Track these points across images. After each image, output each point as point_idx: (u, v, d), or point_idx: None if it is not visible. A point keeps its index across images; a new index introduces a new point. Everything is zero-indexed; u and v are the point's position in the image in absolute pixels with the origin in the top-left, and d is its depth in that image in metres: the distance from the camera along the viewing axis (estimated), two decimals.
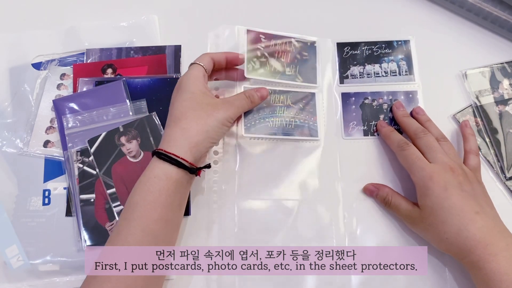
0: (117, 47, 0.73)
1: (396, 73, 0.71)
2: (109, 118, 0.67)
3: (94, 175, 0.64)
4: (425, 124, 0.66)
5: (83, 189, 0.63)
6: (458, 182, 0.57)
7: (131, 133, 0.65)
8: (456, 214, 0.55)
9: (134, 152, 0.65)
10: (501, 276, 0.51)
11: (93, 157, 0.64)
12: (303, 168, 0.66)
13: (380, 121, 0.68)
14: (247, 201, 0.64)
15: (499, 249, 0.53)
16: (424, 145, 0.62)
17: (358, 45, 0.73)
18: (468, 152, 0.64)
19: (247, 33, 0.69)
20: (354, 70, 0.71)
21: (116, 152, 0.65)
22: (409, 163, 0.60)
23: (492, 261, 0.52)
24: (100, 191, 0.63)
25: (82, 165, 0.64)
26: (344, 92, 0.70)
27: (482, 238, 0.54)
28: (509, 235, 0.55)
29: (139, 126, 0.66)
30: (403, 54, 0.72)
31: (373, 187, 0.65)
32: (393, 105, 0.69)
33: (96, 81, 0.69)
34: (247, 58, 0.68)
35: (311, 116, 0.68)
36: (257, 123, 0.67)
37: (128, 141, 0.65)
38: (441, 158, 0.59)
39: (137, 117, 0.67)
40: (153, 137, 0.65)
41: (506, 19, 0.72)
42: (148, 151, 0.65)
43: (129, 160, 0.64)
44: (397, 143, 0.63)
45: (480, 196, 0.58)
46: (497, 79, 0.71)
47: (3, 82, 0.71)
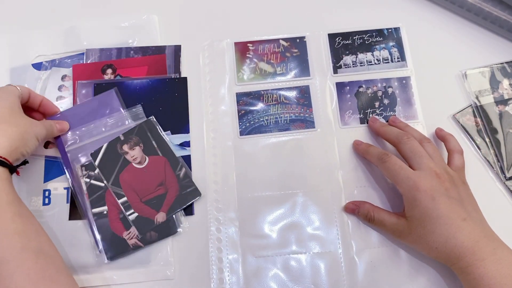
0: (117, 47, 0.73)
1: (388, 60, 0.72)
2: (107, 129, 0.67)
3: (103, 187, 0.64)
4: (405, 129, 0.66)
5: (94, 202, 0.64)
6: (445, 188, 0.57)
7: (132, 140, 0.66)
8: (444, 223, 0.55)
9: (139, 158, 0.65)
10: (489, 280, 0.53)
11: (99, 170, 0.65)
12: (302, 160, 0.67)
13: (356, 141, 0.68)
14: (247, 196, 0.66)
15: (486, 254, 0.54)
16: (409, 150, 0.61)
17: (350, 35, 0.73)
18: (452, 151, 0.64)
19: (235, 45, 0.73)
20: (347, 60, 0.72)
21: (121, 161, 0.65)
22: (393, 174, 0.60)
23: (480, 266, 0.53)
24: (112, 201, 0.64)
25: (89, 179, 0.65)
26: (338, 82, 0.71)
27: (470, 245, 0.54)
28: (495, 239, 0.56)
29: (140, 132, 0.66)
30: (394, 41, 0.73)
31: (353, 205, 0.64)
32: (368, 121, 0.69)
33: (95, 84, 0.69)
34: (236, 68, 0.71)
35: (307, 108, 0.69)
36: (251, 124, 0.69)
37: (131, 148, 0.65)
38: (427, 164, 0.59)
39: (136, 124, 0.67)
40: (155, 141, 0.66)
41: (506, 19, 0.72)
42: (153, 155, 0.65)
43: (135, 167, 0.65)
44: (376, 156, 0.63)
45: (466, 200, 0.58)
46: (497, 79, 0.71)
47: (3, 82, 0.71)
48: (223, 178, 0.67)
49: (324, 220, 0.65)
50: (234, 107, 0.70)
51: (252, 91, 0.70)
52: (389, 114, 0.69)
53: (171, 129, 0.68)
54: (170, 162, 0.66)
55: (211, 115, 0.70)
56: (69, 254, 0.63)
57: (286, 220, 0.65)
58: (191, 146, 0.68)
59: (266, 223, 0.64)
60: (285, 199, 0.66)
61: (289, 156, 0.68)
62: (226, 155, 0.68)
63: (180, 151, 0.67)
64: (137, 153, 0.65)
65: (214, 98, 0.70)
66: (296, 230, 0.64)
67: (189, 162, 0.67)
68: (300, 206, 0.65)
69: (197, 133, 0.69)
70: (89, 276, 0.62)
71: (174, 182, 0.65)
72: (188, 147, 0.68)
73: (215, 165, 0.67)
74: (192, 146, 0.68)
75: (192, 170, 0.67)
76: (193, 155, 0.68)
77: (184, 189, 0.65)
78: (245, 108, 0.70)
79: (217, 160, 0.67)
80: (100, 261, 0.62)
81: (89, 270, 0.62)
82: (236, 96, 0.70)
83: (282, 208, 0.65)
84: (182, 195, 0.64)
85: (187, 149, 0.67)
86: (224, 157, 0.68)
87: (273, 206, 0.65)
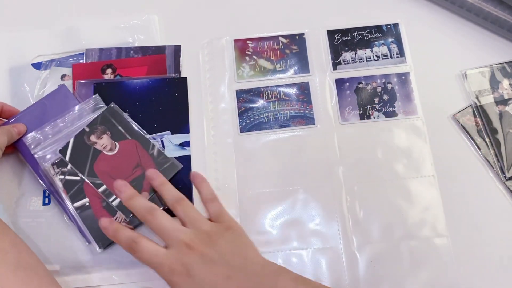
0: (117, 47, 0.73)
1: (387, 56, 0.72)
2: (69, 124, 0.66)
3: (79, 181, 0.64)
4: (159, 188, 0.59)
5: (74, 197, 0.63)
6: (199, 256, 0.52)
7: (98, 129, 0.66)
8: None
9: (109, 145, 0.65)
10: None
11: (71, 165, 0.64)
12: (303, 156, 0.67)
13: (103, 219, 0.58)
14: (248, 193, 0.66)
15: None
16: (156, 228, 0.54)
17: (349, 31, 0.74)
18: (205, 202, 0.59)
19: (234, 43, 0.73)
20: (346, 56, 0.72)
21: (91, 152, 0.65)
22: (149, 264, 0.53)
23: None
24: (91, 192, 0.64)
25: (64, 176, 0.64)
26: (338, 78, 0.71)
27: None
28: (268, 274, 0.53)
29: (104, 121, 0.66)
30: (393, 37, 0.73)
31: None
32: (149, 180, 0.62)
33: (95, 83, 0.69)
34: (236, 66, 0.71)
35: (307, 104, 0.70)
36: (251, 121, 0.69)
37: (98, 137, 0.65)
38: (175, 238, 0.53)
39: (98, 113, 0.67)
40: (121, 126, 0.66)
41: (506, 19, 0.72)
42: (122, 140, 0.66)
43: (108, 155, 0.65)
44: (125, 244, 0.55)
45: (230, 253, 0.53)
46: (497, 79, 0.71)
47: (3, 82, 0.71)
48: (223, 175, 0.67)
49: (325, 216, 0.64)
50: (234, 104, 0.70)
51: (252, 88, 0.71)
52: (388, 109, 0.69)
53: (171, 129, 0.68)
54: (141, 143, 0.66)
55: (211, 112, 0.70)
56: (69, 254, 0.63)
57: (287, 216, 0.65)
58: (191, 145, 0.68)
59: (267, 220, 0.64)
60: (286, 196, 0.65)
61: (289, 153, 0.68)
62: (227, 152, 0.68)
63: (180, 151, 0.67)
64: (105, 141, 0.65)
65: (214, 96, 0.71)
66: (297, 226, 0.64)
67: (189, 161, 0.67)
68: (301, 202, 0.65)
69: (197, 132, 0.69)
70: (89, 276, 0.62)
71: (149, 161, 0.65)
72: (188, 147, 0.67)
73: (215, 162, 0.67)
74: (192, 145, 0.68)
75: (193, 169, 0.67)
76: (193, 154, 0.67)
77: (161, 166, 0.65)
78: (245, 105, 0.70)
79: (217, 157, 0.67)
80: (93, 251, 0.62)
81: (89, 270, 0.62)
82: (236, 94, 0.70)
83: (282, 204, 0.65)
84: (160, 172, 0.63)
85: (187, 149, 0.67)
86: (224, 155, 0.68)
87: (274, 202, 0.65)
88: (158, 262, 0.52)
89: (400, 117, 0.69)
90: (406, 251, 0.63)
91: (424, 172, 0.66)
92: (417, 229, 0.63)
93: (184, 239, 0.53)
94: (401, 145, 0.67)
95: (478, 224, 0.64)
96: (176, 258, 0.52)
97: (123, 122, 0.66)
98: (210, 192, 0.59)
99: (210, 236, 0.54)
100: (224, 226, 0.56)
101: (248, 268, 0.53)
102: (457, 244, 0.63)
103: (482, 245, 0.64)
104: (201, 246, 0.53)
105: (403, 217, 0.64)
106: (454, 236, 0.63)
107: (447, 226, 0.64)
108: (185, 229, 0.54)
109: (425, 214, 0.64)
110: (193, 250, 0.52)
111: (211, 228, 0.55)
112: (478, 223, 0.64)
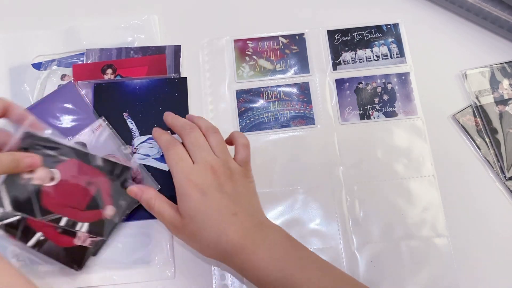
0: (117, 47, 0.73)
1: (387, 56, 0.72)
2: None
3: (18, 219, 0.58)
4: (194, 120, 0.62)
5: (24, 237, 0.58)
6: (218, 183, 0.55)
7: None
8: (214, 219, 0.53)
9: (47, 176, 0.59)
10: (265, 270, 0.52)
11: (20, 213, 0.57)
12: (303, 156, 0.67)
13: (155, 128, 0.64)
14: None
15: (257, 245, 0.52)
16: (189, 142, 0.58)
17: (349, 31, 0.74)
18: (237, 144, 0.60)
19: (234, 43, 0.73)
20: (346, 56, 0.72)
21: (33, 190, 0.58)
22: (171, 165, 0.57)
23: (254, 259, 0.52)
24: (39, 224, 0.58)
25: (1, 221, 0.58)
26: (338, 78, 0.71)
27: (241, 239, 0.52)
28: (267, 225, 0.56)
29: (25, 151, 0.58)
30: (393, 38, 0.73)
31: (137, 189, 0.59)
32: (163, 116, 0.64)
33: (95, 83, 0.69)
34: (236, 66, 0.71)
35: (307, 105, 0.70)
36: (251, 121, 0.69)
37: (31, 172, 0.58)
38: (203, 158, 0.56)
39: None
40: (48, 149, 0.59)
41: (506, 19, 0.72)
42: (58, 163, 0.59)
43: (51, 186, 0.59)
44: (164, 143, 0.60)
45: (242, 195, 0.56)
46: (497, 79, 0.71)
47: (3, 82, 0.71)
48: None
49: (325, 215, 0.65)
50: (234, 104, 0.70)
51: (252, 88, 0.71)
52: (388, 109, 0.69)
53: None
54: (80, 159, 0.61)
55: (211, 112, 0.70)
56: None
57: (287, 216, 0.65)
58: None
59: None
60: (286, 196, 0.65)
61: (289, 153, 0.68)
62: None
63: None
64: (41, 173, 0.58)
65: (214, 96, 0.71)
66: (297, 226, 0.64)
67: None
68: (301, 202, 0.65)
69: None
70: (89, 276, 0.62)
71: (97, 174, 0.61)
72: None
73: None
74: None
75: None
76: None
77: (111, 173, 0.61)
78: (245, 105, 0.70)
79: None
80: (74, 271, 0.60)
81: (88, 270, 0.62)
82: (236, 94, 0.70)
83: (283, 204, 0.65)
84: (113, 179, 0.61)
85: None
86: None
87: (274, 202, 0.65)
88: (181, 168, 0.55)
89: (400, 117, 0.69)
90: (406, 251, 0.63)
91: (424, 172, 0.66)
92: (417, 229, 0.64)
93: (210, 162, 0.56)
94: (401, 145, 0.67)
95: (478, 224, 0.64)
96: (198, 173, 0.55)
97: (48, 145, 0.59)
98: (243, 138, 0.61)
99: (233, 174, 0.57)
100: (244, 174, 0.58)
101: (252, 210, 0.57)
102: (457, 244, 0.63)
103: (482, 245, 0.64)
104: (223, 176, 0.55)
105: (403, 217, 0.64)
106: (454, 236, 0.63)
107: (447, 226, 0.64)
108: (214, 156, 0.57)
109: (425, 214, 0.64)
110: (215, 175, 0.55)
111: (235, 168, 0.58)
112: (478, 223, 0.65)
